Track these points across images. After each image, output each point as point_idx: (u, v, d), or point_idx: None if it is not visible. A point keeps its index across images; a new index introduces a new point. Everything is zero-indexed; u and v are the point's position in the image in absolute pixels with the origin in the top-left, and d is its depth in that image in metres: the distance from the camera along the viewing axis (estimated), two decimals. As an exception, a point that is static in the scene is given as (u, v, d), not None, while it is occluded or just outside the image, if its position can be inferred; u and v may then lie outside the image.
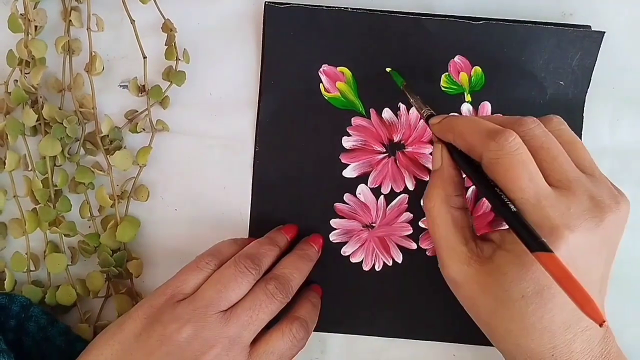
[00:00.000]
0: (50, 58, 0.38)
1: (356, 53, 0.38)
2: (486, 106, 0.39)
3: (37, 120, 0.37)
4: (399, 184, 0.39)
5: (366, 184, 0.39)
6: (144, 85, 0.38)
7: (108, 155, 0.38)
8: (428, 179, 0.39)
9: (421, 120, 0.38)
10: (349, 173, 0.39)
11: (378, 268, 0.39)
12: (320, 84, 0.38)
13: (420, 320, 0.40)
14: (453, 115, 0.34)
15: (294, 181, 0.39)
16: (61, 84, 0.38)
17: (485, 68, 0.38)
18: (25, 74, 0.38)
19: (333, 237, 0.39)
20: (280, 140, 0.39)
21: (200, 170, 0.39)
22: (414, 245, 0.39)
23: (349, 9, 0.37)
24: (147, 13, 0.38)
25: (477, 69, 0.38)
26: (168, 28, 0.38)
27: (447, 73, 0.38)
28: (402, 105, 0.39)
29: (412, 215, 0.39)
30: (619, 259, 0.31)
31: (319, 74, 0.38)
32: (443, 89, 0.38)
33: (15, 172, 0.38)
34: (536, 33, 0.38)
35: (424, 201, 0.34)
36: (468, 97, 0.39)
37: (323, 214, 0.39)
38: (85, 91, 0.39)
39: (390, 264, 0.39)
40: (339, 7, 0.37)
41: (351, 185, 0.39)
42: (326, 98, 0.38)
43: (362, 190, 0.39)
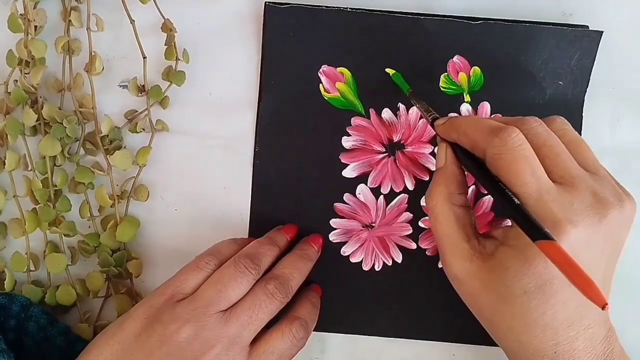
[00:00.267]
0: (50, 58, 0.38)
1: (356, 53, 0.38)
2: (485, 106, 0.39)
3: (37, 120, 0.37)
4: (398, 183, 0.39)
5: (366, 184, 0.39)
6: (143, 85, 0.38)
7: (108, 155, 0.38)
8: (428, 178, 0.39)
9: (421, 120, 0.38)
10: (348, 173, 0.39)
11: (378, 268, 0.39)
12: (320, 85, 0.38)
13: (420, 320, 0.40)
14: (456, 115, 0.34)
15: (294, 181, 0.39)
16: (61, 84, 0.38)
17: (484, 68, 0.38)
18: (25, 74, 0.38)
19: (333, 237, 0.39)
20: (280, 140, 0.39)
21: (200, 170, 0.39)
22: (413, 245, 0.39)
23: (349, 9, 0.37)
24: (147, 13, 0.38)
25: (476, 69, 0.38)
26: (168, 28, 0.38)
27: (446, 73, 0.38)
28: (402, 105, 0.39)
29: (412, 215, 0.39)
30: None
31: (319, 74, 0.38)
32: (442, 89, 0.38)
33: (15, 172, 0.38)
34: (535, 33, 0.38)
35: (426, 199, 0.34)
36: (467, 97, 0.39)
37: (323, 213, 0.39)
38: (85, 91, 0.39)
39: (390, 263, 0.39)
40: (339, 7, 0.37)
41: (351, 185, 0.39)
42: (326, 98, 0.38)
43: (362, 190, 0.39)
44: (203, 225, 0.39)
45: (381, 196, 0.39)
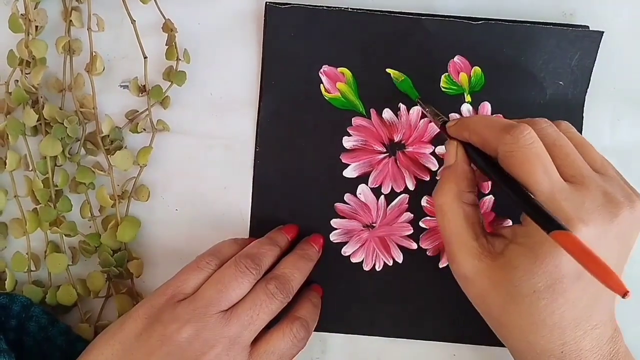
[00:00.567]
0: (51, 58, 0.38)
1: (356, 53, 0.38)
2: (486, 106, 0.39)
3: (38, 120, 0.37)
4: (399, 183, 0.39)
5: (366, 184, 0.39)
6: (144, 85, 0.38)
7: (109, 155, 0.38)
8: (429, 178, 0.39)
9: (421, 120, 0.38)
10: (349, 173, 0.39)
11: (378, 268, 0.39)
12: (321, 85, 0.38)
13: (420, 320, 0.40)
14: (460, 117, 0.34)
15: (295, 181, 0.39)
16: (62, 84, 0.38)
17: (485, 68, 0.38)
18: (26, 74, 0.38)
19: (333, 237, 0.39)
20: (281, 140, 0.39)
21: (201, 170, 0.39)
22: (414, 245, 0.39)
23: (349, 9, 0.37)
24: (148, 13, 0.38)
25: (477, 69, 0.38)
26: (169, 28, 0.38)
27: (447, 73, 0.38)
28: (402, 105, 0.39)
29: (413, 215, 0.39)
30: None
31: (320, 74, 0.38)
32: (443, 89, 0.38)
33: (16, 172, 0.38)
34: (536, 33, 0.38)
35: (434, 196, 0.33)
36: (468, 98, 0.39)
37: (323, 213, 0.39)
38: (85, 91, 0.39)
39: (390, 263, 0.39)
40: (339, 7, 0.37)
41: (351, 185, 0.39)
42: (326, 98, 0.38)
43: (363, 190, 0.39)
44: (203, 225, 0.39)
45: (382, 196, 0.39)
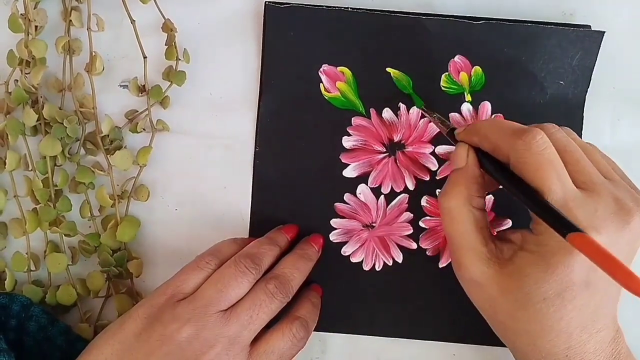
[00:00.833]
0: (51, 58, 0.38)
1: (356, 53, 0.38)
2: (486, 106, 0.39)
3: (38, 120, 0.37)
4: (399, 183, 0.39)
5: (366, 184, 0.39)
6: (144, 85, 0.38)
7: (108, 155, 0.38)
8: (428, 178, 0.39)
9: (421, 120, 0.38)
10: (349, 173, 0.39)
11: (378, 268, 0.39)
12: (321, 84, 0.38)
13: (420, 320, 0.40)
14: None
15: (294, 181, 0.39)
16: (61, 84, 0.38)
17: (486, 68, 0.38)
18: (26, 74, 0.38)
19: (333, 237, 0.39)
20: (281, 140, 0.39)
21: (201, 170, 0.39)
22: (414, 245, 0.39)
23: (349, 9, 0.37)
24: (147, 13, 0.38)
25: (477, 68, 0.38)
26: (168, 28, 0.38)
27: (447, 73, 0.38)
28: (402, 105, 0.39)
29: (412, 215, 0.39)
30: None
31: (319, 73, 0.38)
32: (443, 88, 0.38)
33: (16, 172, 0.38)
34: (536, 33, 0.38)
35: (441, 199, 0.32)
36: (468, 97, 0.39)
37: (323, 213, 0.39)
38: (85, 91, 0.39)
39: (390, 263, 0.39)
40: (339, 7, 0.37)
41: (351, 185, 0.39)
42: (326, 98, 0.38)
43: (362, 190, 0.39)
44: (203, 225, 0.39)
45: (382, 196, 0.39)
